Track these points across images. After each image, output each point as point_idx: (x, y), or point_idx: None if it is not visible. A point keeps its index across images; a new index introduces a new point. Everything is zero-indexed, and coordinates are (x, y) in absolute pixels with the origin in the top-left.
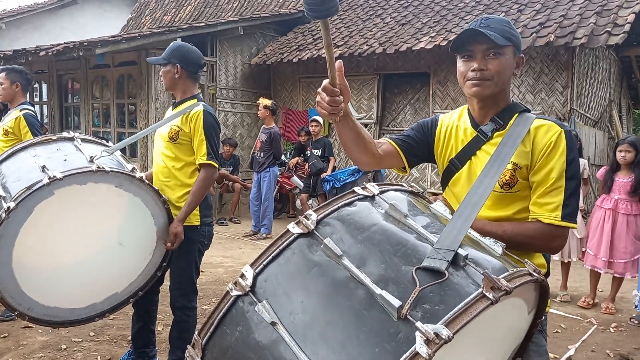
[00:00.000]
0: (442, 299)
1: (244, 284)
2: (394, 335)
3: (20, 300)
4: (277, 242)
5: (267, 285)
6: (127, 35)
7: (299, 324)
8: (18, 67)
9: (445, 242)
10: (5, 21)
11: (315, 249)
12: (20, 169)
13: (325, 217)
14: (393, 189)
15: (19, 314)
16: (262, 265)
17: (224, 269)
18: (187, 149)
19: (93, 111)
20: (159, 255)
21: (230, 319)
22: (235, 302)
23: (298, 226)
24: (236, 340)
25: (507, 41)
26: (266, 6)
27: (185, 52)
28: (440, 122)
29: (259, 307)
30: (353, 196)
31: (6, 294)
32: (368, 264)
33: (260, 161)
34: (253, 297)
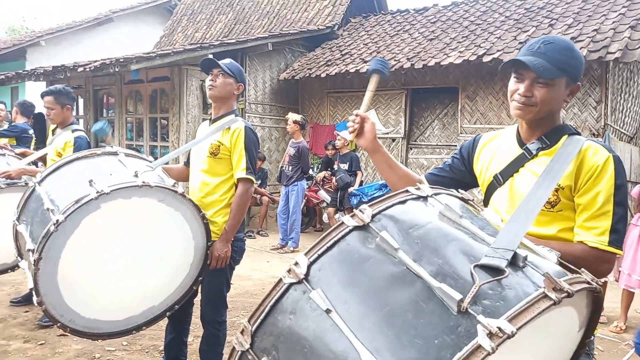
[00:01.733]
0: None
1: (298, 272)
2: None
3: (62, 312)
4: (332, 234)
5: (321, 274)
6: (161, 52)
7: (354, 313)
8: (64, 88)
9: (503, 243)
10: (45, 38)
11: (370, 242)
12: (67, 183)
13: (380, 212)
14: (445, 192)
15: (61, 326)
16: (317, 255)
17: (252, 282)
18: (226, 164)
19: (127, 125)
20: (195, 270)
21: (282, 306)
22: (288, 290)
23: (353, 219)
24: (288, 328)
25: (559, 72)
26: (295, 22)
27: (241, 72)
28: (482, 140)
29: (313, 294)
30: (406, 195)
31: (50, 306)
32: (424, 259)
33: (289, 175)
34: (307, 284)
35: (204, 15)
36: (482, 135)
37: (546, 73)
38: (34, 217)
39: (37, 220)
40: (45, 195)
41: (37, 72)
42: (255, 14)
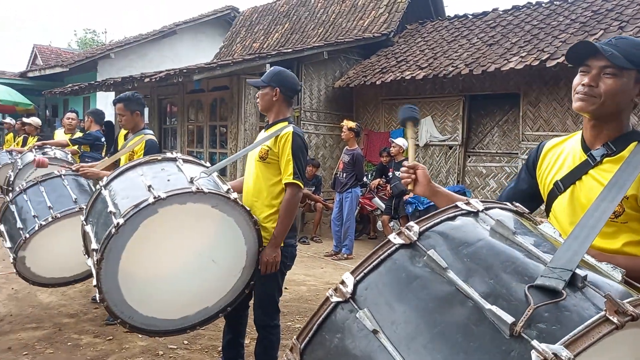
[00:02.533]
0: (559, 320)
1: (344, 291)
2: (506, 353)
3: (122, 309)
4: (378, 252)
5: (367, 294)
6: (221, 62)
7: (401, 335)
8: (132, 95)
9: (561, 262)
10: (114, 51)
11: (417, 261)
12: (128, 187)
13: (427, 229)
14: (498, 206)
15: (121, 322)
16: (363, 274)
17: (306, 287)
18: (275, 169)
19: (188, 132)
20: (247, 274)
21: (330, 325)
22: (335, 309)
23: (400, 237)
24: (335, 347)
25: (628, 64)
26: (350, 31)
27: (285, 77)
28: (546, 146)
29: (360, 314)
30: (456, 211)
31: (111, 303)
32: (475, 279)
33: (343, 182)
34: (354, 304)
35: (261, 26)
36: (546, 141)
37: (615, 59)
38: (99, 219)
39: (101, 222)
40: (109, 199)
41: (108, 82)
42: (311, 24)
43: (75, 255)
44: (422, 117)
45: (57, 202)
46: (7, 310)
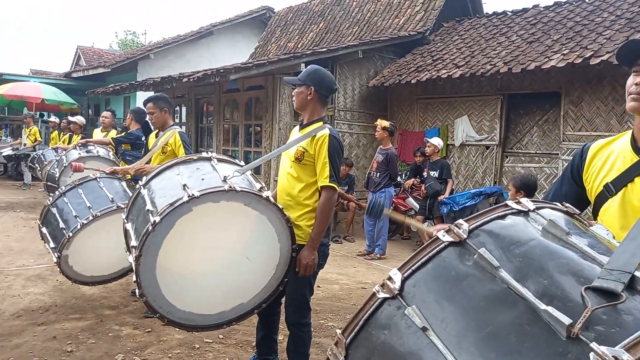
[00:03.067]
0: (618, 322)
1: (392, 287)
2: (563, 355)
3: (161, 303)
4: (427, 249)
5: (415, 291)
6: (257, 62)
7: (452, 333)
8: (160, 94)
9: (618, 264)
10: (153, 52)
11: (467, 259)
12: (166, 186)
13: (477, 227)
14: (549, 206)
15: (160, 316)
16: (411, 271)
17: (339, 286)
18: (310, 170)
19: (223, 131)
20: (281, 271)
21: (376, 321)
22: (382, 305)
23: (448, 234)
24: (382, 343)
25: None
26: (385, 29)
27: (321, 76)
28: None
29: (408, 310)
30: (506, 209)
31: (150, 298)
32: (528, 279)
33: (376, 181)
34: (401, 300)
35: (296, 25)
36: (591, 143)
37: None
38: (139, 217)
39: (140, 219)
40: (147, 197)
41: (147, 82)
42: (346, 23)
43: (113, 254)
44: (458, 117)
45: (95, 203)
46: (52, 301)
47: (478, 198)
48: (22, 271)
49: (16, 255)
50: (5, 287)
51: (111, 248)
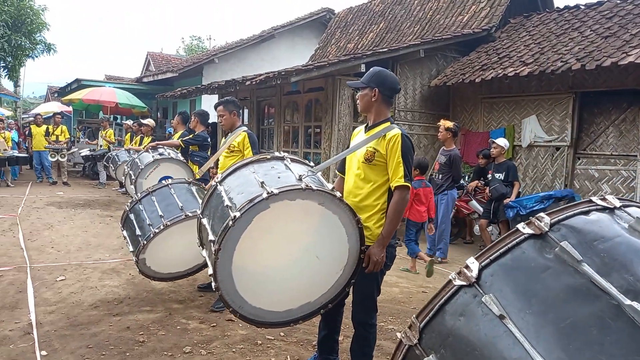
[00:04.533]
0: None
1: (469, 275)
2: None
3: (234, 298)
4: (506, 240)
5: (493, 280)
6: (318, 64)
7: (530, 323)
8: (229, 98)
9: None
10: (218, 56)
11: (547, 252)
12: (242, 183)
13: (559, 221)
14: (635, 205)
15: (232, 310)
16: (489, 260)
17: (399, 289)
18: (380, 171)
19: (284, 133)
20: (348, 272)
21: (452, 307)
22: (458, 292)
23: (529, 227)
24: (457, 329)
25: None
26: (448, 27)
27: (384, 77)
28: None
29: (485, 298)
30: (590, 205)
31: (224, 292)
32: (611, 274)
33: (438, 183)
34: (478, 288)
35: (356, 26)
36: None
37: None
38: (215, 212)
39: (217, 215)
40: (224, 194)
41: (213, 86)
42: (407, 22)
43: (186, 252)
44: (525, 116)
45: (166, 211)
46: (126, 294)
47: (547, 202)
48: (98, 264)
49: (93, 249)
50: (84, 279)
51: (184, 247)
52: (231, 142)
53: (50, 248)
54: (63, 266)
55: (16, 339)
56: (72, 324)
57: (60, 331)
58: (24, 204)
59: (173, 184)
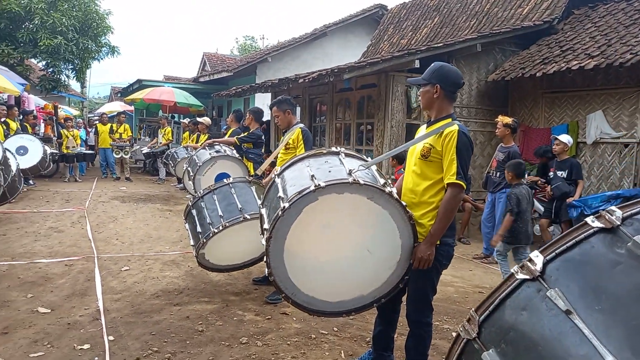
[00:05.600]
0: None
1: (532, 269)
2: None
3: (286, 285)
4: (573, 234)
5: (559, 274)
6: (371, 60)
7: (599, 320)
8: (282, 97)
9: None
10: (271, 55)
11: (619, 247)
12: (296, 176)
13: (632, 215)
14: None
15: (285, 297)
16: (554, 254)
17: (454, 289)
18: (437, 167)
19: (335, 130)
20: (401, 268)
21: (513, 301)
22: (520, 286)
23: (599, 220)
24: (520, 324)
25: None
26: (507, 20)
27: (446, 73)
28: None
29: (550, 293)
30: None
31: (277, 278)
32: None
33: (496, 181)
34: (542, 282)
35: (409, 22)
36: None
37: None
38: (271, 203)
39: (273, 205)
40: (280, 186)
41: (266, 84)
42: (463, 16)
43: (242, 247)
44: (590, 112)
45: (226, 211)
46: (185, 284)
47: (614, 201)
48: (159, 256)
49: (154, 242)
50: (146, 269)
51: (241, 243)
52: (287, 140)
53: (115, 240)
54: (127, 257)
55: (86, 323)
56: (136, 311)
57: (125, 318)
58: (90, 197)
59: (234, 183)
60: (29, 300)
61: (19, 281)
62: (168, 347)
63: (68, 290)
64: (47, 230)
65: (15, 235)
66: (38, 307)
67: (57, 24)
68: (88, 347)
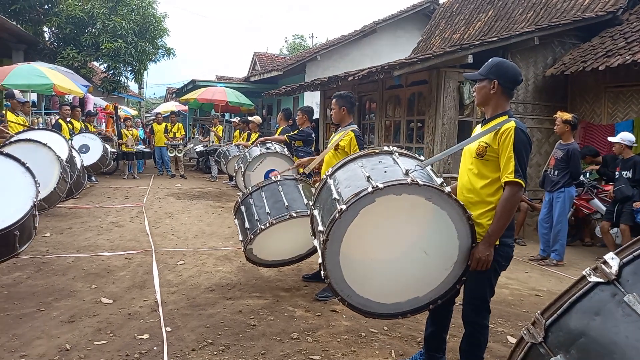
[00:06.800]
0: None
1: (607, 272)
2: None
3: (342, 287)
4: None
5: (637, 279)
6: (422, 57)
7: None
8: (345, 93)
9: None
10: (320, 53)
11: None
12: (350, 177)
13: None
14: None
15: (340, 299)
16: (632, 256)
17: (509, 291)
18: (494, 166)
19: (385, 128)
20: (459, 269)
21: (585, 305)
22: (593, 289)
23: None
24: (591, 329)
25: None
26: (566, 11)
27: (505, 69)
28: None
29: (628, 298)
30: None
31: (332, 280)
32: None
33: (554, 180)
34: (618, 286)
35: (462, 16)
36: None
37: None
38: (325, 205)
39: (327, 207)
40: (333, 187)
41: (315, 82)
42: (519, 8)
43: (289, 244)
44: None
45: (273, 208)
46: (237, 279)
47: None
48: (212, 251)
49: (208, 237)
50: (200, 264)
51: (288, 239)
52: (338, 141)
53: (171, 235)
54: (182, 251)
55: (145, 314)
56: (192, 304)
57: (181, 310)
58: (148, 194)
59: (282, 181)
60: (92, 291)
61: (84, 272)
62: (222, 339)
63: (128, 282)
64: (108, 224)
65: (79, 229)
66: (101, 297)
67: (118, 27)
68: (147, 337)
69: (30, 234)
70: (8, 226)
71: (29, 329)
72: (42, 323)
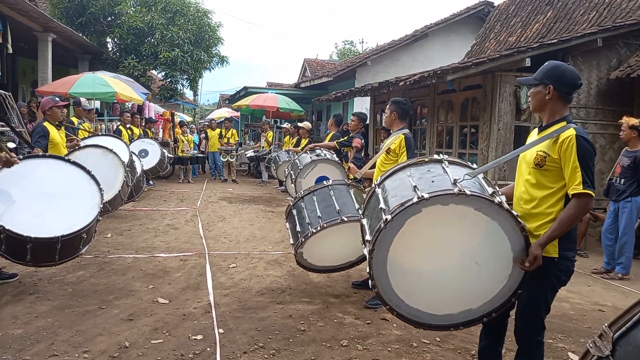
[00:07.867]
0: None
1: None
2: None
3: (390, 297)
4: None
5: None
6: (476, 60)
7: None
8: (400, 99)
9: None
10: (370, 58)
11: None
12: (398, 186)
13: None
14: None
15: (389, 309)
16: None
17: (570, 305)
18: (554, 176)
19: (437, 133)
20: (514, 281)
21: None
22: None
23: None
24: None
25: None
26: (632, 11)
27: (561, 73)
28: None
29: None
30: None
31: (381, 290)
32: None
33: (620, 189)
34: None
35: (518, 18)
36: None
37: None
38: (372, 214)
39: (374, 216)
40: (381, 196)
41: (366, 88)
42: (580, 9)
43: (339, 250)
44: None
45: (324, 212)
46: (287, 284)
47: None
48: (263, 255)
49: (258, 241)
50: (251, 267)
51: (339, 245)
52: (389, 145)
53: (223, 238)
54: (234, 255)
55: (199, 315)
56: (243, 307)
57: (233, 313)
58: (201, 198)
59: (333, 186)
60: (150, 291)
61: (142, 273)
62: (272, 343)
63: (183, 283)
64: (164, 227)
65: (138, 230)
66: (158, 297)
67: (175, 37)
68: (201, 338)
69: (91, 236)
70: (79, 229)
71: (91, 325)
72: (103, 320)
